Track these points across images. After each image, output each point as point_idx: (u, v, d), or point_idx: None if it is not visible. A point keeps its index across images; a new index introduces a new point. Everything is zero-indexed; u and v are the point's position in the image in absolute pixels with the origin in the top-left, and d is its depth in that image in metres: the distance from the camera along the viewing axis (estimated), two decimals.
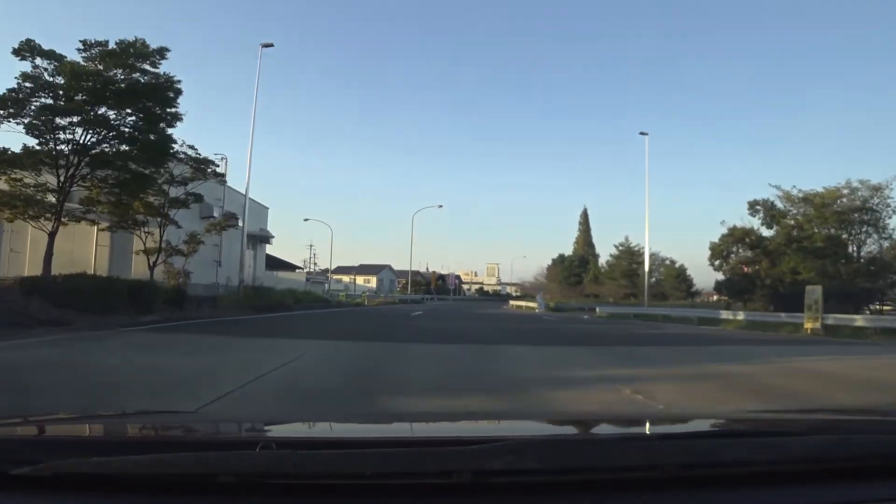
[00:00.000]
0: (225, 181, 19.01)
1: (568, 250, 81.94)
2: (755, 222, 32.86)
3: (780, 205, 31.98)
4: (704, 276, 67.26)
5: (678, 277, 65.56)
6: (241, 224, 23.95)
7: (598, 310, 36.17)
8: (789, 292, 29.07)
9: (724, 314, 23.60)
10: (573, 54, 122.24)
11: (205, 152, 17.94)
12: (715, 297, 73.04)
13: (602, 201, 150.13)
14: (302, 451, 1.00)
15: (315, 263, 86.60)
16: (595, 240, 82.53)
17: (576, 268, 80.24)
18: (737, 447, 1.09)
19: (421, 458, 0.98)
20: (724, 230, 33.23)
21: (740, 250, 33.09)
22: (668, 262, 63.75)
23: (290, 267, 67.16)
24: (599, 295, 59.12)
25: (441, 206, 50.37)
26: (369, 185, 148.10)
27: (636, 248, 63.58)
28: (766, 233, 32.87)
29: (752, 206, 32.26)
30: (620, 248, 63.48)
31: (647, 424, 1.88)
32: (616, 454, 1.05)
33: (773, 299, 30.28)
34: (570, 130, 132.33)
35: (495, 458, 0.94)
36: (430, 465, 0.96)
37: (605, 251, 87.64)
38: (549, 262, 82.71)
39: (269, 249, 34.72)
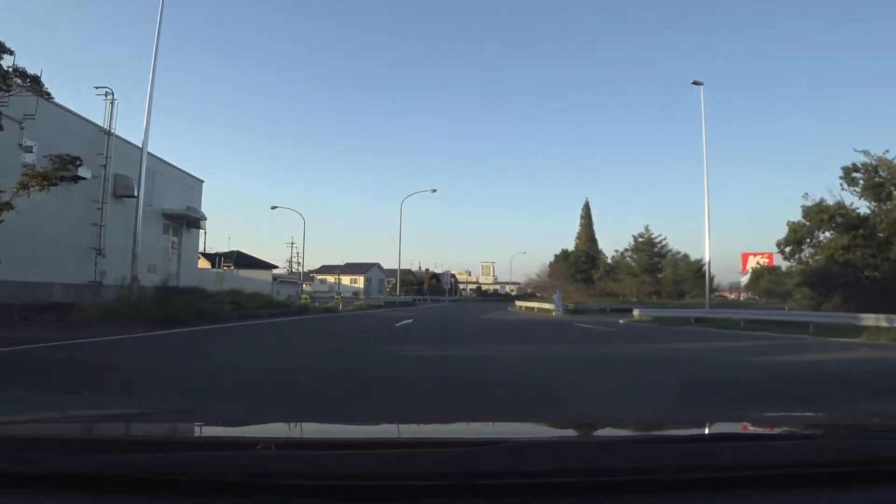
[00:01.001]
0: (50, 96, 11.06)
1: (567, 246, 75.08)
2: (849, 197, 25.07)
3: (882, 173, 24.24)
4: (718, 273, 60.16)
5: (697, 273, 57.97)
6: (137, 193, 15.77)
7: (636, 312, 28.22)
8: None
9: (866, 318, 15.77)
10: (568, 42, 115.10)
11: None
12: (732, 294, 66.18)
13: (602, 196, 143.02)
14: (301, 452, 1.02)
15: (298, 263, 78.75)
16: (597, 234, 75.30)
17: (582, 264, 72.90)
18: (735, 451, 1.07)
19: (420, 460, 0.97)
20: (808, 204, 25.51)
21: (828, 233, 25.35)
22: (680, 255, 55.96)
23: (266, 266, 59.54)
24: (618, 293, 51.27)
25: (435, 191, 42.23)
26: (360, 183, 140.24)
27: (658, 240, 55.83)
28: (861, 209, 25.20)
29: (848, 175, 24.42)
30: (640, 239, 55.58)
31: (647, 427, 1.78)
32: (615, 457, 1.03)
33: (874, 296, 22.52)
34: (567, 124, 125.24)
35: (495, 460, 0.94)
36: (430, 466, 0.95)
37: (607, 246, 79.88)
38: (551, 259, 75.59)
39: (242, 247, 26.53)
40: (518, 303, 47.65)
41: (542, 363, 8.24)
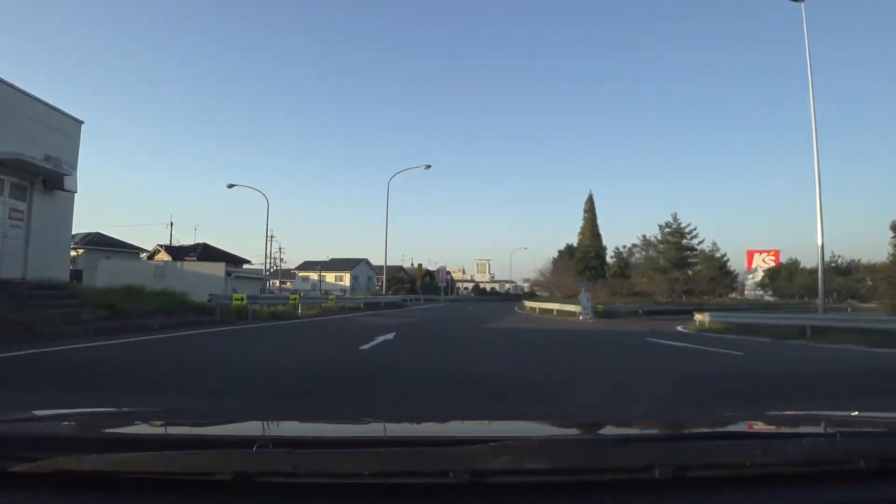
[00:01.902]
0: None
1: (565, 243, 67.95)
2: None
3: None
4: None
5: (720, 270, 50.59)
6: None
7: (700, 318, 20.80)
8: None
9: None
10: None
11: None
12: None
13: (603, 190, 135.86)
14: (299, 451, 0.98)
15: (282, 259, 71.03)
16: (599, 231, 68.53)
17: (591, 259, 65.87)
18: (734, 448, 1.06)
19: (419, 458, 0.96)
20: None
21: None
22: (702, 245, 48.02)
23: (238, 260, 52.94)
24: (647, 293, 43.61)
25: (429, 167, 34.33)
26: (348, 177, 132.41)
27: (688, 231, 48.20)
28: None
29: None
30: (667, 229, 48.03)
31: (647, 426, 1.73)
32: (613, 455, 1.02)
33: None
34: (566, 112, 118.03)
35: (493, 458, 0.93)
36: (428, 464, 0.94)
37: (612, 242, 73.55)
38: (553, 256, 68.29)
39: (218, 243, 18.55)
40: (528, 303, 40.00)
41: None
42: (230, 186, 33.88)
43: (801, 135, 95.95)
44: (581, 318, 27.26)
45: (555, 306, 31.36)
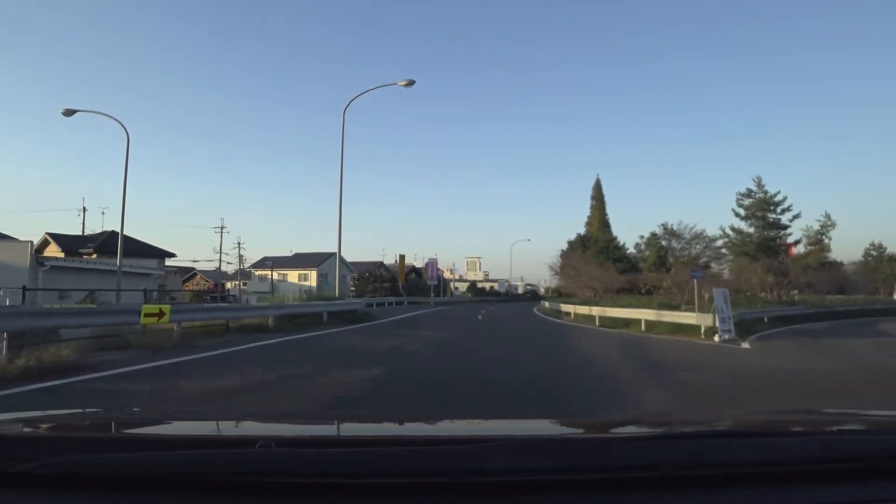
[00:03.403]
0: None
1: (575, 234, 56.57)
2: None
3: None
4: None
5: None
6: None
7: None
8: None
9: None
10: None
11: None
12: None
13: (606, 176, 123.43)
14: (301, 450, 0.99)
15: (241, 256, 56.85)
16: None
17: (613, 250, 53.06)
18: (736, 447, 1.05)
19: (419, 457, 0.96)
20: None
21: None
22: (796, 221, 33.96)
23: (159, 254, 39.63)
24: (746, 289, 30.05)
25: (412, 83, 20.49)
26: (328, 169, 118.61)
27: (778, 201, 34.04)
28: None
29: None
30: (748, 200, 34.04)
31: (646, 424, 1.67)
32: (615, 454, 1.00)
33: None
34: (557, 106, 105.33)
35: (493, 458, 0.93)
36: (429, 463, 0.93)
37: (621, 234, 61.83)
38: (564, 247, 55.49)
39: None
40: (567, 307, 25.94)
41: None
42: (69, 113, 19.76)
43: (801, 124, 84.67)
44: (716, 338, 13.86)
45: (645, 314, 17.45)
